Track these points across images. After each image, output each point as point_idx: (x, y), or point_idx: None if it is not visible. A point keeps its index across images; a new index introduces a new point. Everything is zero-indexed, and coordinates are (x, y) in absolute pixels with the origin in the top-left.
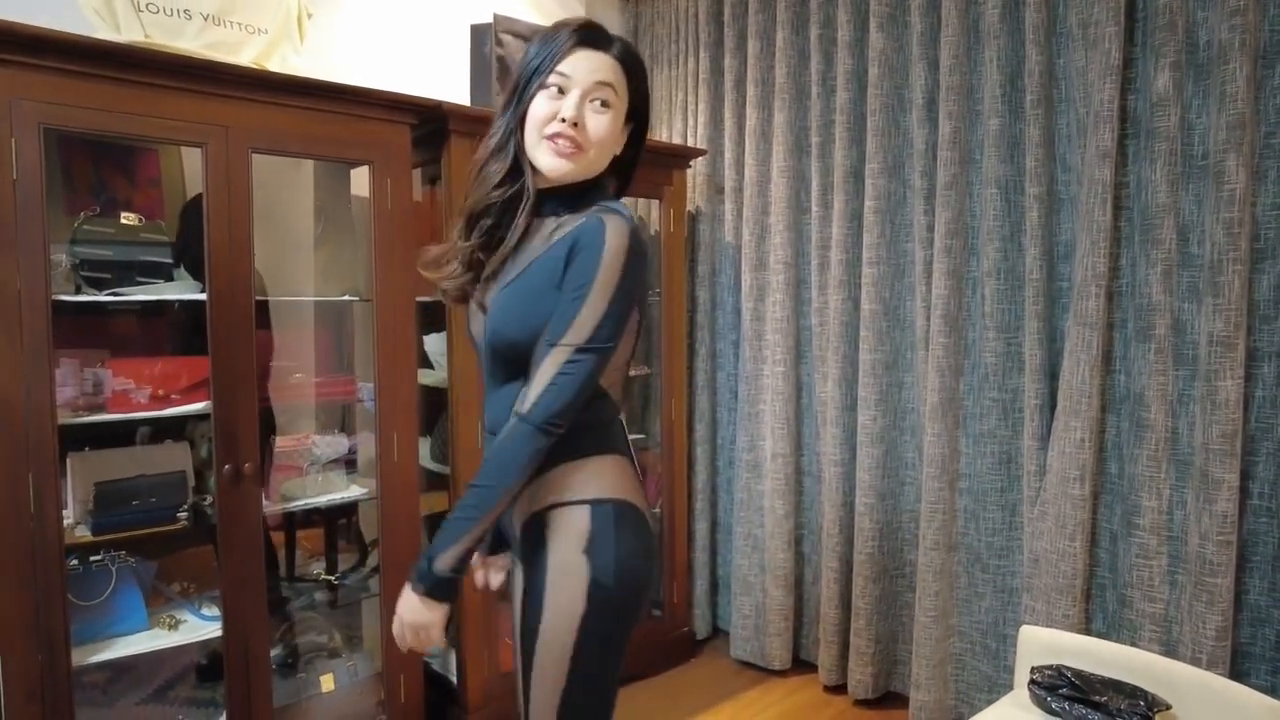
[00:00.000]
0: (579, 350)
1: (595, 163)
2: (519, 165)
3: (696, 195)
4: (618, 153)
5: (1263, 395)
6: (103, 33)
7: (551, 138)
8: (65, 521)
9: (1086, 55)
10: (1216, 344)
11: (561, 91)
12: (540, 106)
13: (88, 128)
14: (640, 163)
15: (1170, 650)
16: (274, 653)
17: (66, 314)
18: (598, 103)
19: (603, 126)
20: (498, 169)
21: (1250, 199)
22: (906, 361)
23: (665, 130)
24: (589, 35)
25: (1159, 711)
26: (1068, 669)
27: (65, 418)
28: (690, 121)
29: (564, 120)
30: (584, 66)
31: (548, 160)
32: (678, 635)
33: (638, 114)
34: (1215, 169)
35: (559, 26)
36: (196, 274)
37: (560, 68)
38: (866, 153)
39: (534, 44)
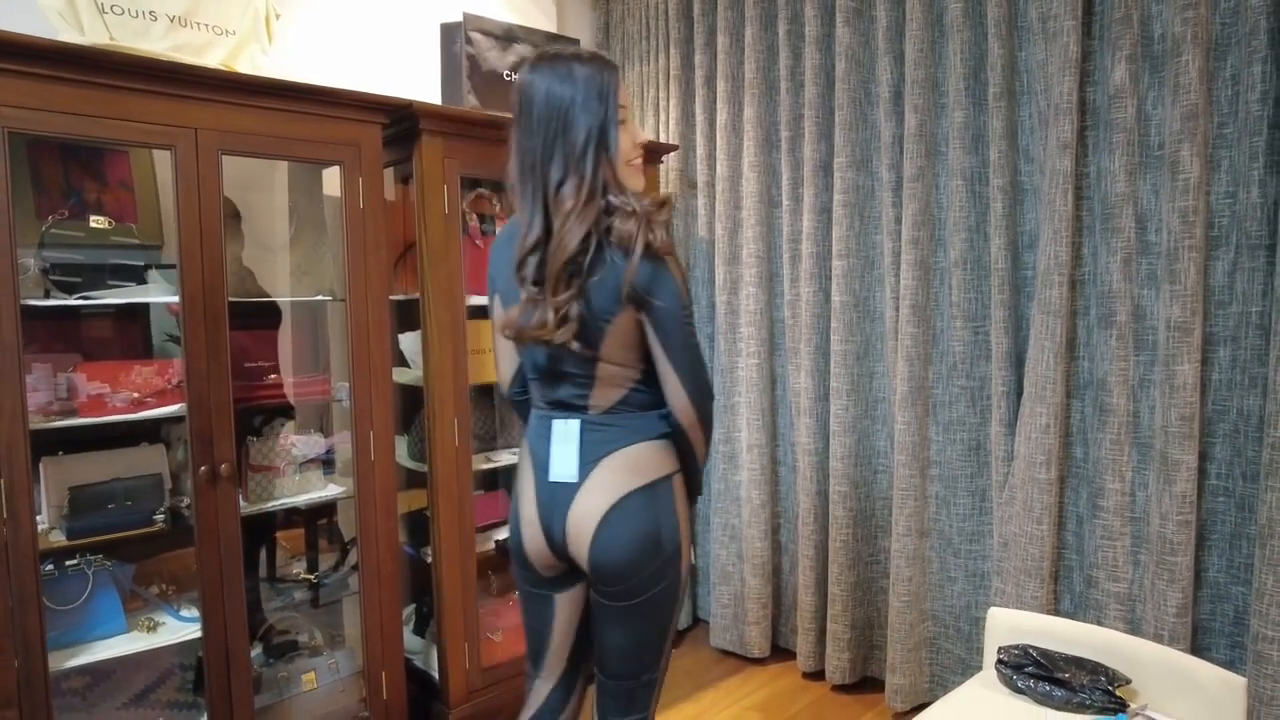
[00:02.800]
0: None
1: None
2: (595, 203)
3: (670, 190)
4: None
5: (1218, 378)
6: (66, 35)
7: (633, 162)
8: (40, 527)
9: (1046, 48)
10: (1174, 329)
11: (622, 121)
12: (624, 140)
13: (53, 131)
14: None
15: (1134, 628)
16: (255, 652)
17: (37, 319)
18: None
19: None
20: (591, 213)
21: (1204, 188)
22: (877, 352)
23: (638, 126)
24: (615, 64)
25: (1119, 686)
26: (1033, 648)
27: (37, 423)
28: (662, 117)
29: (641, 145)
30: (624, 93)
31: (638, 180)
32: None
33: None
34: (1170, 159)
35: (602, 66)
36: None
37: (622, 101)
38: (835, 146)
39: (592, 86)
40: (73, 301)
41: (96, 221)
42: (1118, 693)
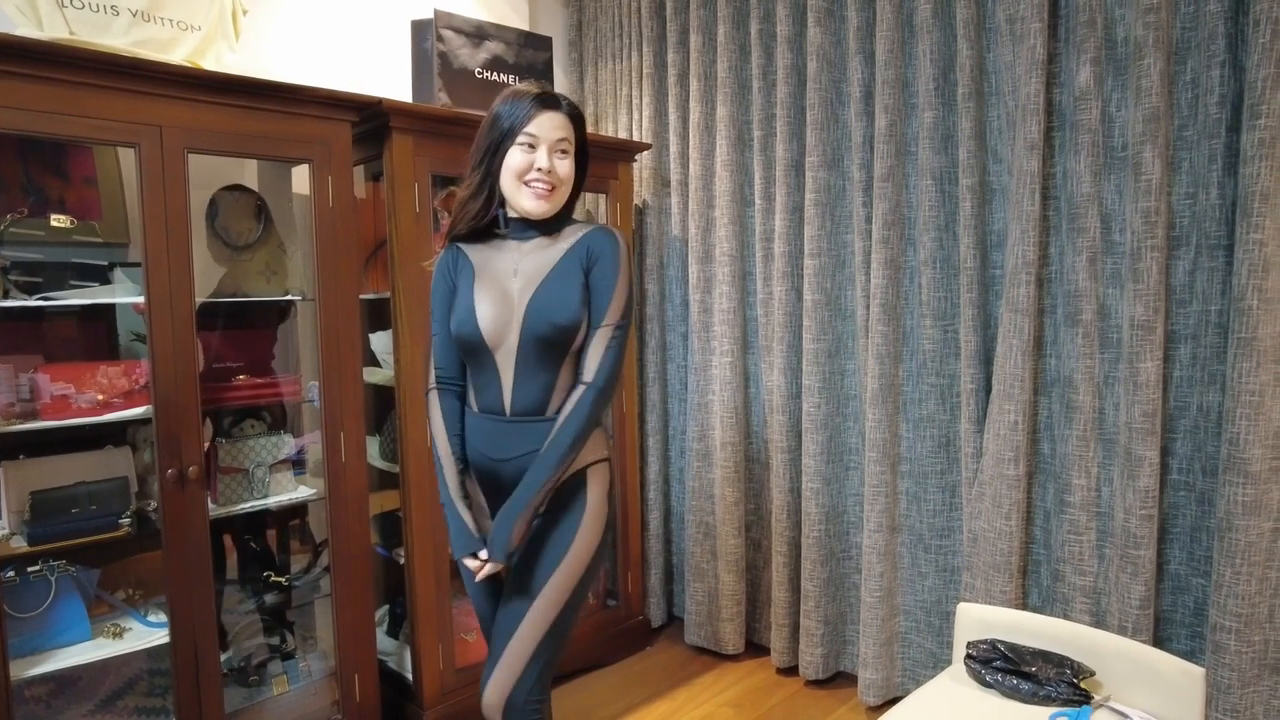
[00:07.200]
0: (617, 327)
1: (564, 196)
2: (491, 203)
3: (643, 189)
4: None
5: (1180, 375)
6: (24, 29)
7: (529, 183)
8: (0, 533)
9: (1014, 50)
10: (1137, 328)
11: (532, 147)
12: (516, 159)
13: (12, 128)
14: (582, 187)
15: (1099, 620)
16: (224, 657)
17: None
18: (559, 151)
19: (566, 167)
20: (475, 207)
21: (1166, 189)
22: (848, 350)
23: (611, 124)
24: (547, 100)
25: (1084, 679)
26: (1001, 642)
27: None
28: (635, 116)
29: (540, 170)
30: (547, 125)
31: (530, 203)
32: (633, 624)
33: (582, 152)
34: (1134, 160)
35: (519, 94)
36: None
37: (529, 129)
38: (806, 146)
39: (501, 109)
40: (33, 302)
41: (58, 220)
42: (1082, 685)
